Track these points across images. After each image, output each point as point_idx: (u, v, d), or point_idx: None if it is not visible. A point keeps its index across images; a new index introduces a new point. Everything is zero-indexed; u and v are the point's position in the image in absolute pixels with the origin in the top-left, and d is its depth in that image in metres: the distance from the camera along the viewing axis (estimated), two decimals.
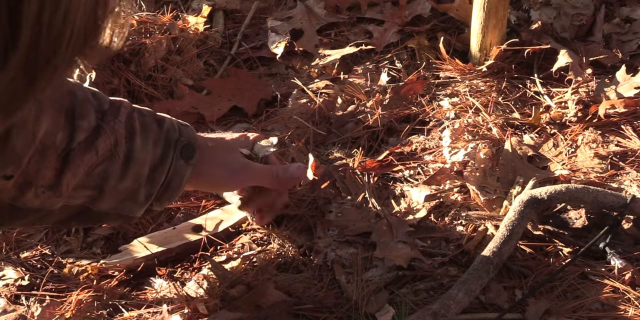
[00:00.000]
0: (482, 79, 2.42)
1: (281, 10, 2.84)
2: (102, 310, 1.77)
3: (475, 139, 2.13)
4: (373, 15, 2.76)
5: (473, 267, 1.71)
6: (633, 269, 1.73)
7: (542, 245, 1.83)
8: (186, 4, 2.91)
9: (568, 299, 1.72)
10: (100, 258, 1.92)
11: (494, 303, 1.70)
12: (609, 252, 1.78)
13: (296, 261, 1.86)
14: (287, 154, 2.17)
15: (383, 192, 2.04)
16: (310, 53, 2.64)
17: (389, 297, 1.72)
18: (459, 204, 1.96)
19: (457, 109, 2.29)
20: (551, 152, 2.14)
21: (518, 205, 1.81)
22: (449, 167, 2.03)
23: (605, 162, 2.08)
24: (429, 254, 1.83)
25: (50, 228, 2.03)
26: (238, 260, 1.82)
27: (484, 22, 2.40)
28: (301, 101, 2.39)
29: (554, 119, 2.24)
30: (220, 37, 2.73)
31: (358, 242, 1.86)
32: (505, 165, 2.03)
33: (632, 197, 1.81)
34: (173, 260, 1.90)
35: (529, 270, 1.78)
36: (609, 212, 1.86)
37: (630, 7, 2.65)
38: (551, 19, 2.57)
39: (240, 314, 1.66)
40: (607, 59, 2.46)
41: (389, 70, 2.49)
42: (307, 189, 2.04)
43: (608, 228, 1.80)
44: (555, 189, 1.83)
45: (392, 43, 2.63)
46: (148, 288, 1.83)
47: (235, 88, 2.51)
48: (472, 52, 2.49)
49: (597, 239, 1.79)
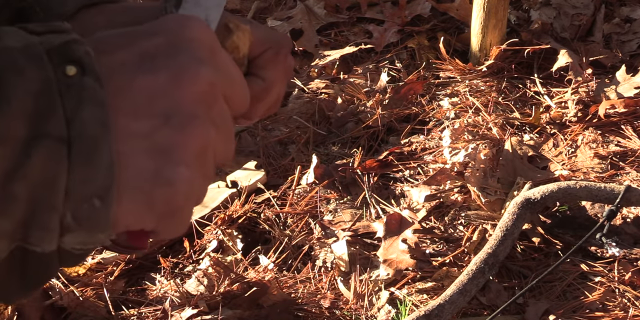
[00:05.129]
0: (482, 79, 2.42)
1: (281, 10, 2.84)
2: (102, 306, 1.77)
3: (476, 139, 2.13)
4: (373, 15, 2.76)
5: (468, 268, 1.71)
6: (633, 269, 1.74)
7: (542, 245, 1.84)
8: None
9: (568, 299, 1.72)
10: (97, 253, 1.92)
11: (494, 304, 1.71)
12: (606, 242, 1.78)
13: (296, 261, 1.86)
14: (288, 154, 2.17)
15: (383, 192, 2.04)
16: (310, 53, 2.64)
17: (389, 297, 1.72)
18: (459, 204, 1.96)
19: (457, 108, 2.29)
20: (551, 152, 2.14)
21: (513, 207, 1.82)
22: (450, 167, 2.04)
23: (605, 162, 2.08)
24: (429, 254, 1.84)
25: None
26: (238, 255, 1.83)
27: (484, 22, 2.40)
28: (301, 101, 2.39)
29: (554, 119, 2.24)
30: None
31: (358, 242, 1.86)
32: (505, 166, 2.03)
33: (626, 188, 1.80)
34: (171, 248, 1.90)
35: (529, 270, 1.78)
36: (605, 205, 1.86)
37: (630, 7, 2.65)
38: (551, 19, 2.57)
39: (241, 312, 1.67)
40: (607, 59, 2.46)
41: (389, 70, 2.49)
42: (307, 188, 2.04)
43: (605, 219, 1.80)
44: (547, 189, 1.83)
45: (392, 43, 2.63)
46: (148, 284, 1.83)
47: None
48: (472, 52, 2.49)
49: (595, 230, 1.79)
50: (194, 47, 0.57)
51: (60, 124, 0.50)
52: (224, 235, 1.95)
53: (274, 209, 2.03)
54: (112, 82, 0.54)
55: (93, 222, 0.53)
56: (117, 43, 0.56)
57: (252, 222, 2.02)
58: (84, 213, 0.52)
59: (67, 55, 0.52)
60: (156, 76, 0.55)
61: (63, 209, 0.52)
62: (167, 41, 0.56)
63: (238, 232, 1.98)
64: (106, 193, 0.52)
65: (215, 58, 0.58)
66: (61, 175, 0.51)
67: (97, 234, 0.53)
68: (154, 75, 0.55)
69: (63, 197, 0.51)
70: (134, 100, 0.54)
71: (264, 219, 2.01)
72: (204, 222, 2.00)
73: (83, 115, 0.51)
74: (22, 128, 0.50)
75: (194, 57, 0.56)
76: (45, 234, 0.52)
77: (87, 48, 0.53)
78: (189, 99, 0.55)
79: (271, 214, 2.01)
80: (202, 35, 0.58)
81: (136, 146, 0.54)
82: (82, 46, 0.53)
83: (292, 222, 1.98)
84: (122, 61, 0.55)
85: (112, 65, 0.54)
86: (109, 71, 0.54)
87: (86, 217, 0.52)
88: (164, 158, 0.54)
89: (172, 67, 0.55)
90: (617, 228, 1.85)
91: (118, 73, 0.54)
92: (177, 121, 0.54)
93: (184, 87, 0.55)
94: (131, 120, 0.54)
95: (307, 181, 2.08)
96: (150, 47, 0.56)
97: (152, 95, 0.54)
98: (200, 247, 1.92)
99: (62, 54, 0.52)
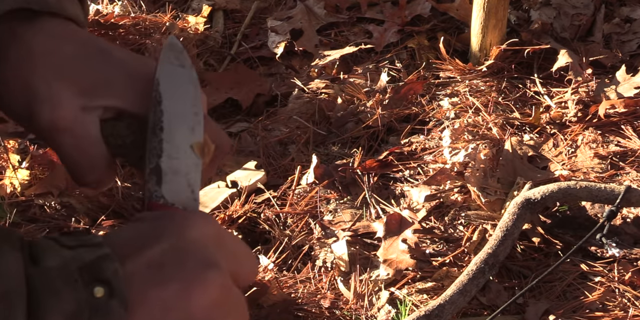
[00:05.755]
0: (482, 79, 2.42)
1: (281, 10, 2.84)
2: None
3: (476, 139, 2.13)
4: (373, 15, 2.76)
5: (468, 268, 1.72)
6: (633, 269, 1.74)
7: (542, 245, 1.84)
8: (186, 3, 2.91)
9: (568, 299, 1.72)
10: None
11: (495, 304, 1.71)
12: (606, 242, 1.78)
13: (296, 261, 1.86)
14: (288, 154, 2.17)
15: (383, 192, 2.04)
16: (310, 53, 2.64)
17: (389, 297, 1.72)
18: (459, 204, 1.96)
19: (457, 108, 2.29)
20: (551, 152, 2.14)
21: (513, 207, 1.82)
22: (450, 167, 2.04)
23: (605, 162, 2.08)
24: (429, 254, 1.84)
25: (54, 226, 2.03)
26: None
27: (484, 22, 2.40)
28: (301, 101, 2.39)
29: (554, 119, 2.25)
30: (220, 37, 2.74)
31: (358, 242, 1.86)
32: (505, 166, 2.03)
33: (627, 188, 1.80)
34: None
35: (529, 270, 1.78)
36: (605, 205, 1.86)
37: (630, 7, 2.65)
38: (551, 19, 2.57)
39: None
40: (607, 59, 2.46)
41: (389, 70, 2.49)
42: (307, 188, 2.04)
43: (605, 220, 1.80)
44: (548, 189, 1.83)
45: (392, 43, 2.63)
46: None
47: (234, 82, 2.52)
48: (472, 52, 2.49)
49: (595, 230, 1.79)
50: (198, 248, 0.57)
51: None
52: None
53: (274, 209, 2.03)
54: (129, 295, 0.54)
55: None
56: (123, 253, 0.56)
57: (252, 222, 2.02)
58: None
59: (97, 275, 0.53)
60: (167, 287, 0.55)
61: None
62: (172, 247, 0.56)
63: (238, 232, 1.98)
64: None
65: (222, 249, 0.58)
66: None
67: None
68: (165, 287, 0.55)
69: None
70: (149, 315, 0.55)
71: (264, 219, 2.01)
72: None
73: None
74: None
75: (201, 262, 0.56)
76: None
77: (116, 266, 0.54)
78: (201, 309, 0.56)
79: (271, 214, 2.01)
80: (205, 230, 0.58)
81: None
82: (111, 264, 0.54)
83: (292, 222, 1.98)
84: (132, 272, 0.55)
85: (127, 279, 0.55)
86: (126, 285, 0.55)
87: None
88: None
89: (181, 277, 0.56)
90: (617, 228, 1.85)
91: (130, 286, 0.54)
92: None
93: (195, 298, 0.55)
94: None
95: (307, 181, 2.08)
96: (156, 255, 0.56)
97: (165, 308, 0.55)
98: None
99: (92, 273, 0.53)
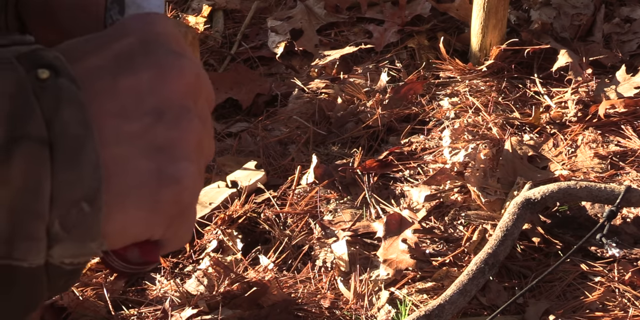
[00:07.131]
0: (482, 79, 2.42)
1: (281, 10, 2.84)
2: (102, 306, 1.78)
3: (476, 139, 2.13)
4: (373, 15, 2.76)
5: (468, 268, 1.72)
6: (633, 269, 1.74)
7: (542, 245, 1.84)
8: (186, 3, 2.91)
9: (568, 299, 1.72)
10: None
11: (495, 304, 1.71)
12: (606, 242, 1.78)
13: (296, 261, 1.86)
14: (288, 154, 2.17)
15: (383, 192, 2.04)
16: (310, 53, 2.64)
17: (389, 297, 1.72)
18: (459, 204, 1.96)
19: (457, 108, 2.29)
20: (551, 152, 2.14)
21: (513, 207, 1.82)
22: (450, 167, 2.04)
23: (605, 162, 2.08)
24: (429, 254, 1.84)
25: None
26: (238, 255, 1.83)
27: (484, 22, 2.40)
28: (301, 101, 2.39)
29: (554, 119, 2.25)
30: (220, 37, 2.74)
31: (358, 242, 1.86)
32: (505, 166, 2.03)
33: (627, 188, 1.80)
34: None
35: (529, 270, 1.78)
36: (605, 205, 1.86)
37: (630, 7, 2.65)
38: (551, 19, 2.57)
39: (241, 312, 1.67)
40: (607, 59, 2.46)
41: (389, 70, 2.49)
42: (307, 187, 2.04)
43: (605, 220, 1.80)
44: (548, 189, 1.83)
45: (392, 43, 2.63)
46: (148, 284, 1.84)
47: (234, 82, 2.52)
48: (472, 52, 2.49)
49: (595, 230, 1.79)
50: (167, 40, 0.55)
51: (40, 124, 0.47)
52: (224, 235, 1.95)
53: (274, 209, 2.03)
54: (93, 86, 0.51)
55: (83, 229, 0.48)
56: (86, 50, 0.53)
57: (252, 222, 2.02)
58: (73, 219, 0.47)
59: (37, 61, 0.49)
60: (139, 75, 0.52)
61: (49, 216, 0.46)
62: (139, 39, 0.54)
63: (238, 232, 1.98)
64: (95, 196, 0.48)
65: (186, 50, 0.56)
66: (45, 178, 0.46)
67: (88, 243, 0.48)
68: (136, 75, 0.52)
69: (48, 203, 0.46)
70: (120, 102, 0.51)
71: (264, 219, 2.01)
72: (204, 222, 2.00)
73: (62, 115, 0.48)
74: (0, 130, 0.46)
75: (172, 51, 0.54)
76: (31, 245, 0.47)
77: (56, 53, 0.50)
78: (178, 93, 0.53)
79: (271, 214, 2.01)
80: (168, 28, 0.56)
81: (132, 148, 0.50)
82: (50, 52, 0.50)
83: (292, 222, 1.98)
84: (98, 66, 0.52)
85: (89, 70, 0.51)
86: (86, 76, 0.51)
87: (75, 224, 0.47)
88: (164, 156, 0.51)
89: (153, 64, 0.53)
90: (617, 228, 1.85)
91: (97, 77, 0.51)
92: (170, 117, 0.52)
93: (171, 82, 0.53)
94: (122, 122, 0.51)
95: (307, 181, 2.08)
96: (124, 48, 0.53)
97: (139, 94, 0.52)
98: (200, 247, 1.93)
99: (32, 60, 0.49)
